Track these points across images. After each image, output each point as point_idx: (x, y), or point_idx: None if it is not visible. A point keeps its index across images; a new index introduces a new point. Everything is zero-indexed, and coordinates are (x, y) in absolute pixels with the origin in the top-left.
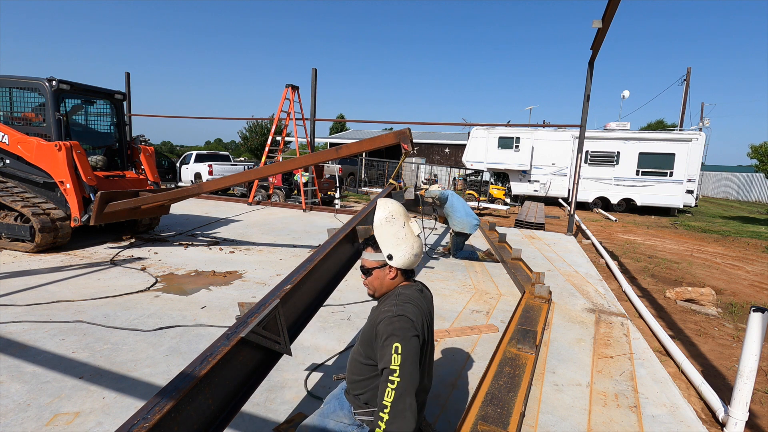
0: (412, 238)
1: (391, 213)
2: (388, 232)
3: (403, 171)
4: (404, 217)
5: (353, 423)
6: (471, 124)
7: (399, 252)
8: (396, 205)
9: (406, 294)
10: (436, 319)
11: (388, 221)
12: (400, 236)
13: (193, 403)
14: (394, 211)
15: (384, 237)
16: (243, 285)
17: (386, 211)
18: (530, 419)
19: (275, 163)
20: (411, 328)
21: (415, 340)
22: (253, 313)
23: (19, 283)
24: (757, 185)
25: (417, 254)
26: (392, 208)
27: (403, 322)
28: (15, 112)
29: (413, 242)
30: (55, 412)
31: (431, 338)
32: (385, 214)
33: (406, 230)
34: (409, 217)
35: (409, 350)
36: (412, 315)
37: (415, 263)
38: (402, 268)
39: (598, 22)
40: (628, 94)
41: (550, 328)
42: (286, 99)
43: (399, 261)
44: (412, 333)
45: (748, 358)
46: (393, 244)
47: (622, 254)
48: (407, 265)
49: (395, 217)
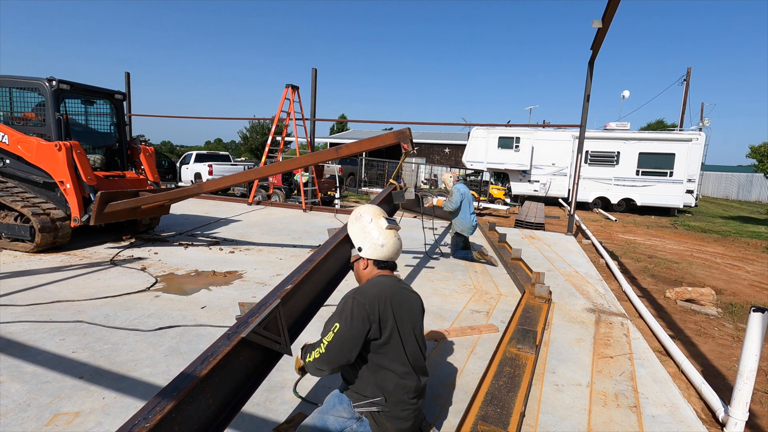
0: (378, 231)
1: (358, 213)
2: (356, 228)
3: (403, 171)
4: (372, 215)
5: (352, 417)
6: (471, 124)
7: (366, 243)
8: (366, 207)
9: (376, 279)
10: (436, 318)
11: (356, 219)
12: (367, 230)
13: (193, 403)
14: (362, 211)
15: (354, 233)
16: (243, 285)
17: (355, 213)
18: (530, 419)
19: (275, 163)
20: (357, 314)
21: (356, 324)
22: (253, 313)
23: (19, 283)
24: (757, 185)
25: (384, 244)
26: (362, 209)
27: (354, 305)
28: (15, 112)
29: (379, 234)
30: (55, 412)
31: (401, 325)
32: (354, 216)
33: (373, 225)
34: (379, 215)
35: (341, 333)
36: (366, 296)
37: (386, 253)
38: (373, 258)
39: (598, 22)
40: (628, 94)
41: (550, 328)
42: (286, 99)
43: (367, 251)
44: (358, 318)
45: (748, 358)
46: (361, 237)
47: (622, 254)
48: (376, 255)
49: (362, 215)
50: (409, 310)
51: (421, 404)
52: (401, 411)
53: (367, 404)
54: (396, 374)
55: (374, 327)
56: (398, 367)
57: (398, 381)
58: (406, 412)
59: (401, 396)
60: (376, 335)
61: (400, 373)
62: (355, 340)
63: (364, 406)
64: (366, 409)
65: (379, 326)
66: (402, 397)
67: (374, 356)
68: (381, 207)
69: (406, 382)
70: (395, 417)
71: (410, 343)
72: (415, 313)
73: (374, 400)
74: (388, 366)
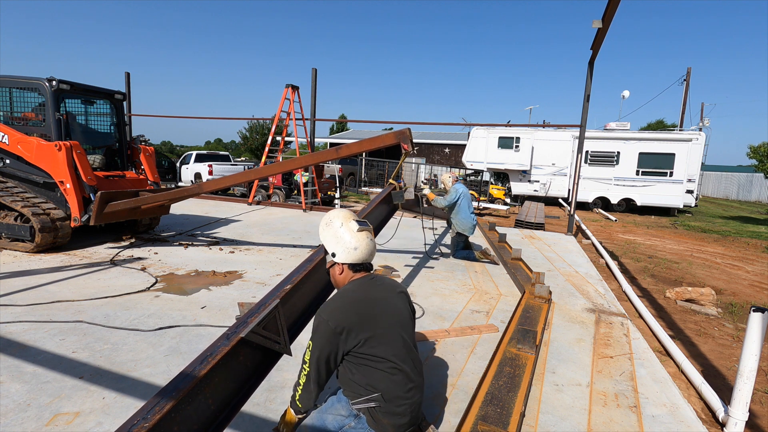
0: (350, 234)
1: (329, 219)
2: (328, 234)
3: (403, 171)
4: (342, 219)
5: (350, 414)
6: (471, 124)
7: (339, 248)
8: (337, 211)
9: (345, 288)
10: (436, 318)
11: (327, 225)
12: (339, 235)
13: (193, 403)
14: (332, 216)
15: (326, 239)
16: (243, 285)
17: (325, 218)
18: (530, 419)
19: (275, 163)
20: (322, 330)
21: (324, 342)
22: (253, 313)
23: (19, 283)
24: (757, 185)
25: (357, 247)
26: (333, 214)
27: (319, 322)
28: (15, 112)
29: (351, 238)
30: (55, 412)
31: (377, 325)
32: (324, 221)
33: (344, 229)
34: (350, 218)
35: (314, 352)
36: (328, 311)
37: (360, 256)
38: (348, 263)
39: (598, 22)
40: (628, 94)
41: (550, 328)
42: (286, 99)
43: (341, 256)
44: (324, 335)
45: (748, 358)
46: (334, 243)
47: (622, 254)
48: (350, 258)
49: (332, 221)
50: (386, 307)
51: (417, 399)
52: (396, 407)
53: (363, 401)
54: (384, 372)
55: (343, 337)
56: (385, 364)
57: (388, 377)
58: (401, 407)
59: (395, 392)
60: (352, 343)
61: (389, 370)
62: (329, 356)
63: (361, 403)
64: (363, 406)
65: (348, 335)
66: (396, 392)
67: (359, 359)
68: (380, 207)
69: (397, 377)
70: (391, 413)
71: (393, 338)
72: (395, 308)
73: (370, 396)
74: (375, 365)
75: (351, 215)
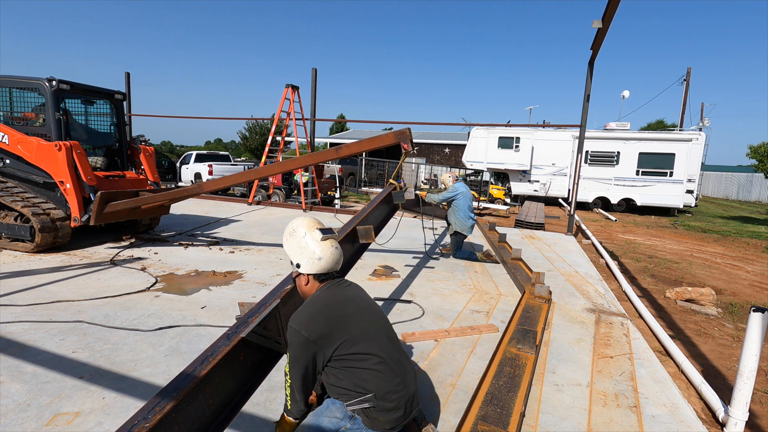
0: (314, 244)
1: (292, 228)
2: (291, 244)
3: (403, 171)
4: (306, 228)
5: (345, 416)
6: (471, 124)
7: (303, 259)
8: (300, 219)
9: (312, 296)
10: (436, 318)
11: (290, 235)
12: (302, 245)
13: (193, 403)
14: (295, 226)
15: (290, 250)
16: (243, 285)
17: (288, 228)
18: (530, 419)
19: (275, 163)
20: (296, 341)
21: (300, 352)
22: (253, 313)
23: (19, 283)
24: (757, 185)
25: (321, 257)
26: (296, 223)
27: (291, 334)
28: (15, 112)
29: (315, 248)
30: (55, 412)
31: (351, 326)
32: (287, 232)
33: (307, 239)
34: (314, 227)
35: (293, 365)
36: (298, 321)
37: (324, 266)
38: (313, 273)
39: (598, 22)
40: (628, 94)
41: (550, 328)
42: (286, 99)
43: (305, 267)
44: (299, 345)
45: (748, 358)
46: (298, 253)
47: (622, 254)
48: (315, 269)
49: (296, 230)
50: (358, 304)
51: (410, 390)
52: (389, 402)
53: (357, 402)
54: (371, 369)
55: (320, 344)
56: (369, 361)
57: (376, 374)
58: (394, 401)
59: (386, 387)
60: (330, 349)
61: (374, 366)
62: (307, 366)
63: (354, 404)
64: (357, 407)
65: (324, 342)
66: (387, 387)
67: (342, 362)
68: (380, 207)
69: (384, 373)
70: (385, 409)
71: (371, 334)
72: (366, 303)
73: (363, 397)
74: (360, 365)
75: (315, 223)
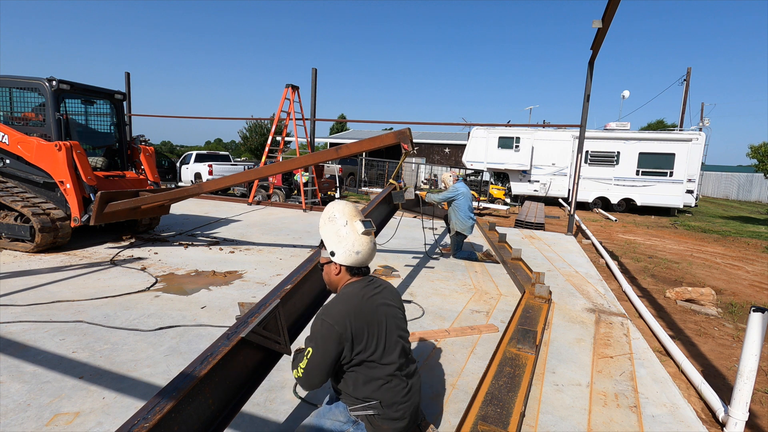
0: (354, 236)
1: (332, 213)
2: (329, 230)
3: (403, 171)
4: (348, 216)
5: (348, 420)
6: (471, 124)
7: (340, 249)
8: (341, 205)
9: (345, 291)
10: (436, 318)
11: (330, 220)
12: (341, 234)
13: (193, 403)
14: (337, 211)
15: (326, 235)
16: (243, 285)
17: (328, 212)
18: (530, 419)
19: (275, 163)
20: (327, 334)
21: (329, 347)
22: (253, 313)
23: (19, 283)
24: (757, 185)
25: (359, 251)
26: (336, 208)
27: (323, 326)
28: (15, 112)
29: (354, 240)
30: (55, 412)
31: (377, 332)
32: (326, 215)
33: (348, 229)
34: (356, 217)
35: (315, 356)
36: (334, 316)
37: (360, 260)
38: (346, 265)
39: (598, 22)
40: (628, 94)
41: (550, 328)
42: (286, 99)
43: (340, 257)
44: (329, 339)
45: (748, 358)
46: (334, 241)
47: (622, 254)
48: (350, 261)
49: (337, 217)
50: (385, 314)
51: (415, 400)
52: (395, 412)
53: (361, 408)
54: (383, 379)
55: (348, 345)
56: (384, 371)
57: (387, 385)
58: (400, 412)
59: (394, 398)
60: (355, 350)
61: (387, 377)
62: (328, 363)
63: (359, 410)
64: (361, 413)
65: (352, 343)
66: (395, 399)
67: (357, 367)
68: (380, 207)
69: (395, 384)
70: (390, 418)
71: (391, 345)
72: (394, 312)
73: (368, 404)
74: (373, 373)
75: (357, 213)
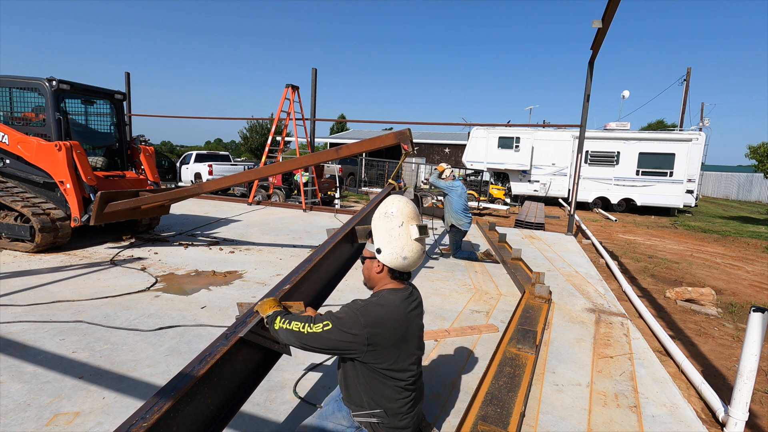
0: (406, 239)
1: (390, 210)
2: (382, 227)
3: (403, 171)
4: (405, 217)
5: (351, 426)
6: (471, 124)
7: (388, 249)
8: (402, 203)
9: (389, 299)
10: (436, 318)
11: (386, 216)
12: (393, 235)
13: (192, 403)
14: (396, 209)
15: (378, 230)
16: (243, 285)
17: (387, 207)
18: (530, 419)
19: (275, 163)
20: (354, 334)
21: (349, 342)
22: (252, 313)
23: (19, 283)
24: (756, 185)
25: (407, 257)
26: (396, 205)
27: (354, 323)
28: (15, 112)
29: (405, 244)
30: (55, 412)
31: (403, 346)
32: (384, 210)
33: (402, 231)
34: (413, 220)
35: (328, 337)
36: (371, 319)
37: (405, 266)
38: (389, 266)
39: (598, 22)
40: (628, 94)
41: (550, 328)
42: (286, 99)
43: (386, 258)
44: (353, 337)
45: (748, 358)
46: (385, 240)
47: (622, 254)
48: (394, 265)
49: (394, 215)
50: (414, 326)
51: (419, 409)
52: (399, 421)
53: (365, 415)
54: (393, 389)
55: (370, 350)
56: (395, 382)
57: (396, 396)
58: (404, 421)
59: (399, 408)
60: (373, 358)
61: (399, 388)
62: (337, 350)
63: (362, 416)
64: (365, 420)
65: (375, 350)
66: (401, 409)
67: (373, 374)
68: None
69: (404, 396)
70: (394, 427)
71: (409, 356)
72: (419, 326)
73: (373, 412)
74: (385, 382)
75: (415, 216)
